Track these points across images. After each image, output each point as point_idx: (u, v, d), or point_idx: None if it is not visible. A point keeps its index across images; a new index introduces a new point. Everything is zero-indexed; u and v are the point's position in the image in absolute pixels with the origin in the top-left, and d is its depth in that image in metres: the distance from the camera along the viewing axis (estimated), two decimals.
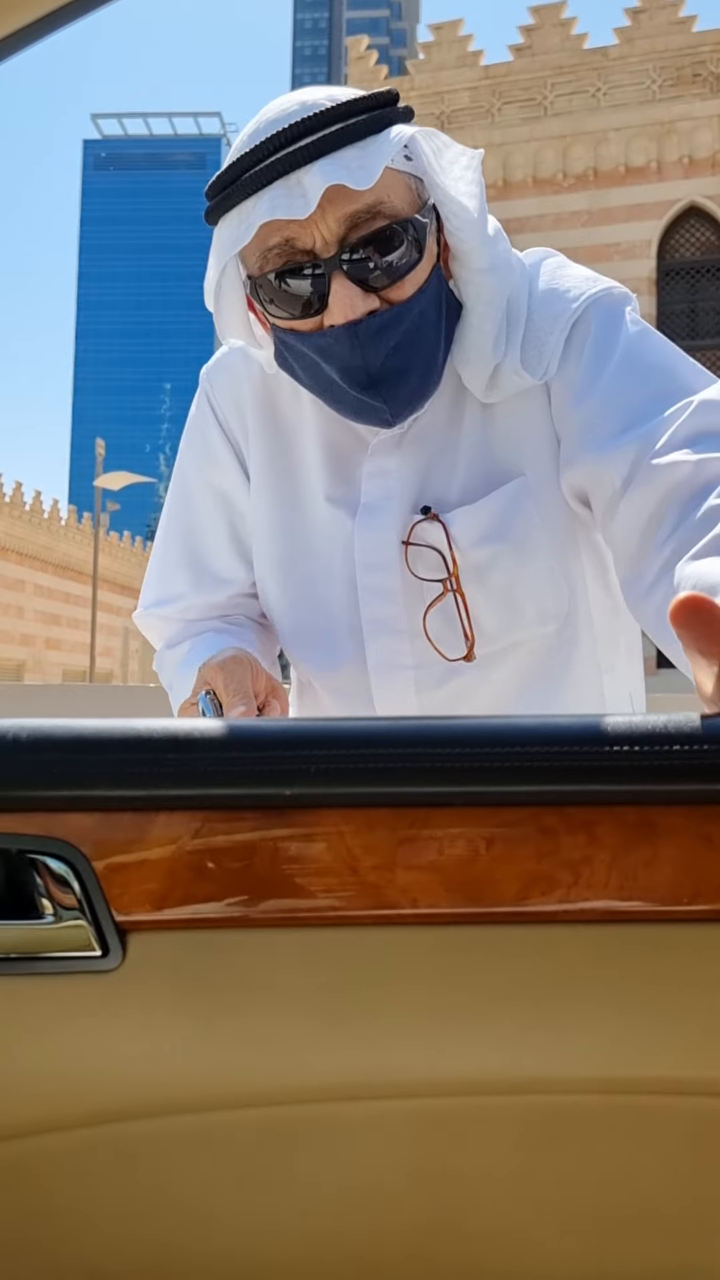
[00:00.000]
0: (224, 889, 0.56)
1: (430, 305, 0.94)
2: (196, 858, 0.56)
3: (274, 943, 0.56)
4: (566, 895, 0.54)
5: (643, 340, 0.97)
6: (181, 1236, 0.60)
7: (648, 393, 0.92)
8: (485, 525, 0.99)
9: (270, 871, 0.56)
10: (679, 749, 0.53)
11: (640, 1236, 0.58)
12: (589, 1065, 0.55)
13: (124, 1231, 0.60)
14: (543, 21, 17.92)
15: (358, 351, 0.90)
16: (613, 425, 0.92)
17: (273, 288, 0.92)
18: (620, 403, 0.93)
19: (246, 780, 0.56)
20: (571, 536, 1.03)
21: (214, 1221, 0.60)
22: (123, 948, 0.57)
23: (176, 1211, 0.60)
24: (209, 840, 0.56)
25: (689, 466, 0.85)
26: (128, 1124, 0.58)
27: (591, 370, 0.96)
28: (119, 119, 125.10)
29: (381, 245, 0.90)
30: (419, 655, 1.02)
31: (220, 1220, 0.60)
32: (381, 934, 0.56)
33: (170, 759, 0.56)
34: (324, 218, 0.88)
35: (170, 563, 1.17)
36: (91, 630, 20.78)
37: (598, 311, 0.98)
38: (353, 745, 0.56)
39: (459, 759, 0.55)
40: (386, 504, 1.02)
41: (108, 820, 0.57)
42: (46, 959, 0.57)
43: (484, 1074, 0.56)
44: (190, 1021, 0.56)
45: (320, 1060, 0.56)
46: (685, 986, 0.54)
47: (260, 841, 0.56)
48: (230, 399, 1.12)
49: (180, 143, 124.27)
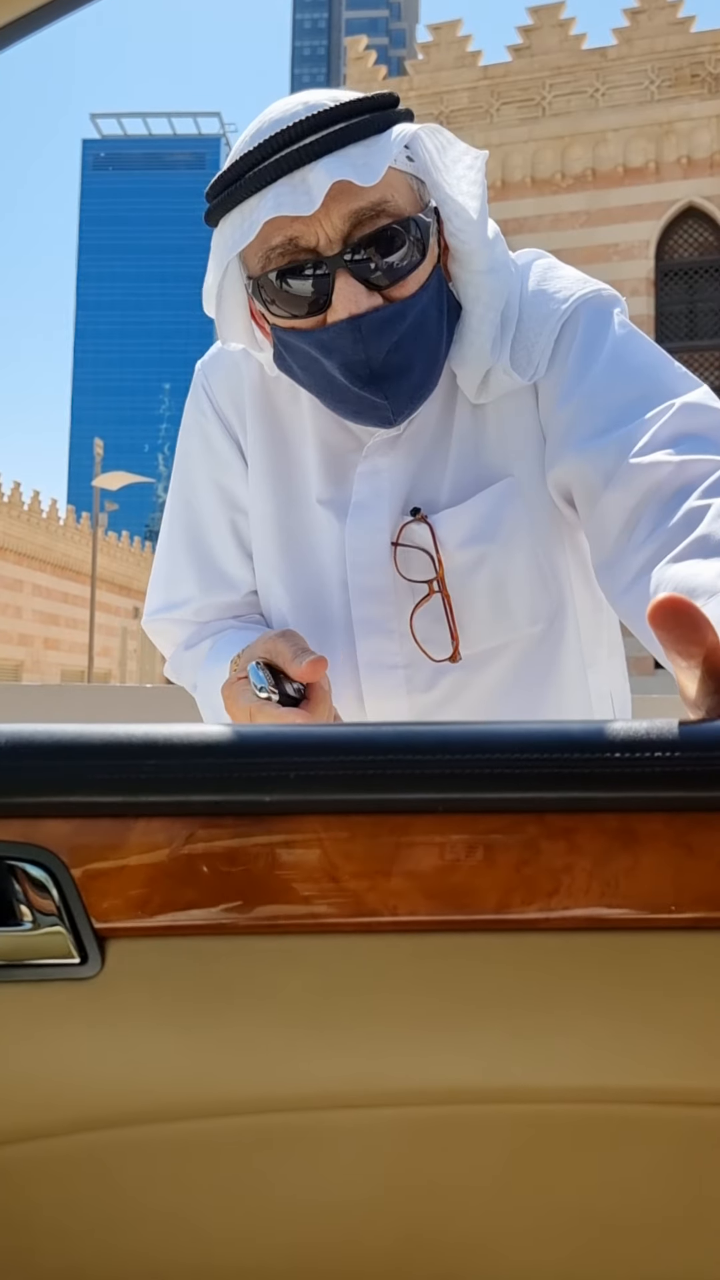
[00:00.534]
0: (204, 896, 0.56)
1: (432, 304, 0.94)
2: (176, 864, 0.56)
3: (254, 950, 0.56)
4: (548, 903, 0.54)
5: (629, 342, 0.97)
6: (163, 1246, 0.60)
7: (632, 394, 0.93)
8: (471, 526, 1.00)
9: (250, 878, 0.56)
10: (660, 756, 0.53)
11: (626, 1246, 0.57)
12: (572, 1074, 0.54)
13: (104, 1240, 0.60)
14: (541, 22, 17.92)
15: (360, 346, 0.90)
16: (596, 425, 0.93)
17: (275, 287, 0.92)
18: (604, 403, 0.93)
19: (226, 787, 0.56)
20: (558, 536, 1.04)
21: (195, 1231, 0.59)
22: (101, 955, 0.56)
23: (157, 1221, 0.60)
24: (188, 847, 0.56)
25: (670, 467, 0.86)
26: (107, 1132, 0.58)
27: (578, 370, 0.96)
28: (118, 119, 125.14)
29: (385, 244, 0.90)
30: (408, 655, 1.02)
31: (202, 1229, 0.59)
32: (362, 942, 0.55)
33: (149, 765, 0.56)
34: (328, 215, 0.88)
35: (177, 565, 1.15)
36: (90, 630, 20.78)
37: (586, 312, 0.99)
38: (333, 752, 0.56)
39: (439, 766, 0.55)
40: (377, 504, 1.02)
41: (86, 826, 0.57)
42: (24, 966, 0.57)
43: (467, 1083, 0.55)
44: (170, 1029, 0.56)
45: (302, 1068, 0.56)
46: (668, 995, 0.54)
47: (240, 848, 0.56)
48: (228, 393, 1.11)
49: (179, 143, 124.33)
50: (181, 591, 1.14)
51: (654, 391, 0.92)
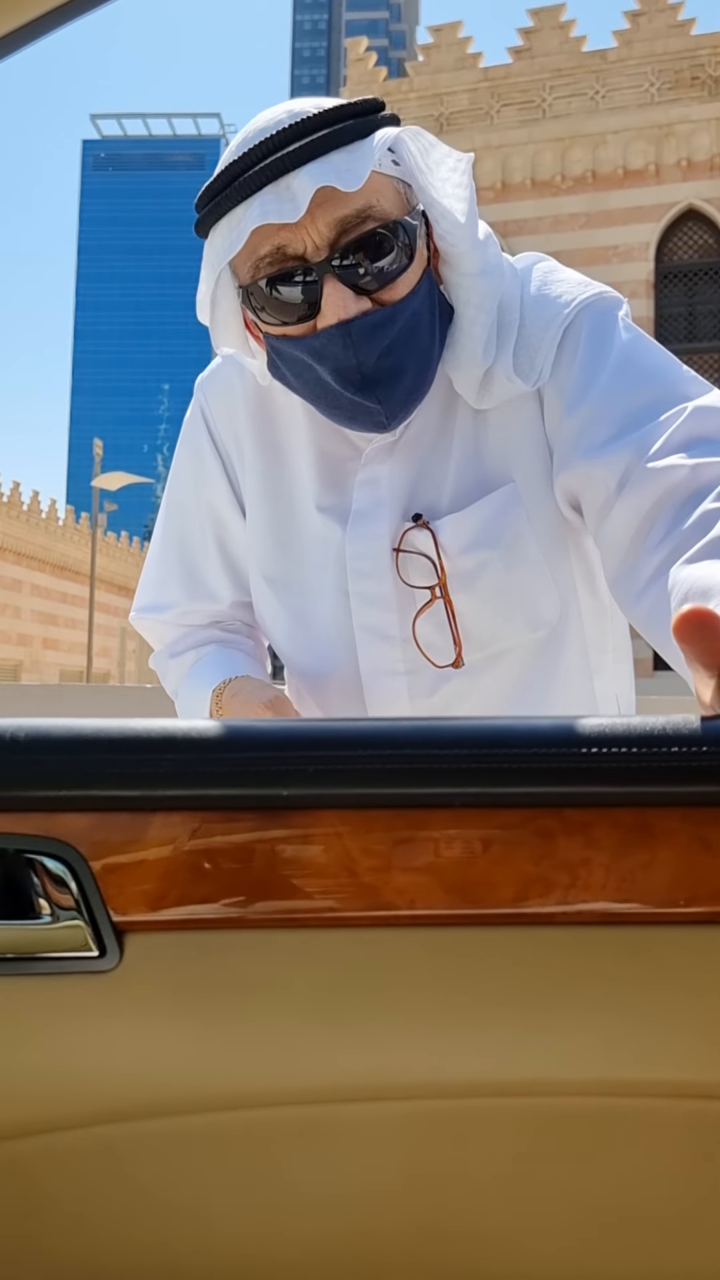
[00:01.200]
0: (221, 889, 0.56)
1: (423, 307, 0.94)
2: (194, 858, 0.56)
3: (271, 944, 0.56)
4: (564, 897, 0.54)
5: (636, 345, 0.97)
6: (177, 1238, 0.60)
7: (642, 398, 0.92)
8: (474, 532, 1.00)
9: (267, 872, 0.56)
10: (676, 751, 0.53)
11: (638, 1239, 0.58)
12: (586, 1067, 0.55)
13: (120, 1232, 0.60)
14: (542, 24, 17.92)
15: (350, 351, 0.90)
16: (607, 430, 0.92)
17: (265, 295, 0.93)
18: (615, 408, 0.93)
19: (244, 781, 0.56)
20: (561, 542, 1.03)
21: (210, 1223, 0.60)
22: (120, 948, 0.57)
23: (173, 1213, 0.60)
24: (206, 841, 0.56)
25: (684, 470, 0.86)
26: (124, 1124, 0.58)
27: (585, 376, 0.96)
28: (118, 119, 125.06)
29: (372, 248, 0.90)
30: (410, 662, 1.02)
31: (216, 1221, 0.60)
32: (379, 935, 0.56)
33: (168, 759, 0.56)
34: (314, 222, 0.89)
35: (165, 570, 1.19)
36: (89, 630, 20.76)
37: (590, 317, 0.98)
38: (351, 746, 0.56)
39: (457, 760, 0.55)
40: (377, 511, 1.02)
41: (105, 820, 0.57)
42: (44, 959, 0.57)
43: (481, 1076, 0.56)
44: (187, 1022, 0.56)
45: (317, 1062, 0.56)
46: (682, 989, 0.54)
47: (258, 842, 0.56)
48: (224, 410, 1.13)
49: (179, 143, 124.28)
50: (168, 596, 1.18)
51: (665, 396, 0.92)
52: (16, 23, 0.73)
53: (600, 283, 1.03)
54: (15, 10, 0.72)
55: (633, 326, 0.99)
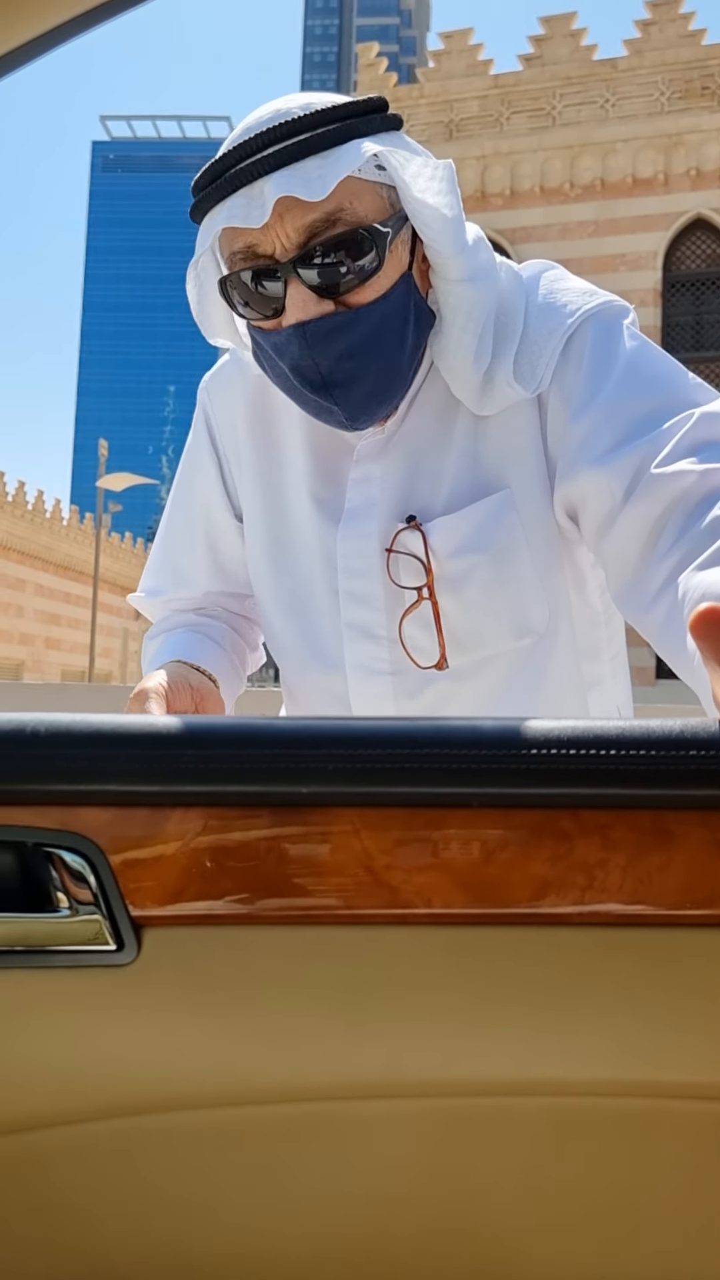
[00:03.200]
0: (239, 885, 0.56)
1: (394, 313, 0.94)
2: (212, 854, 0.56)
3: (288, 940, 0.56)
4: (580, 898, 0.55)
5: (641, 353, 0.97)
6: (190, 1232, 0.60)
7: (648, 406, 0.92)
8: (464, 536, 0.99)
9: (285, 869, 0.56)
10: (695, 754, 0.53)
11: (650, 1240, 0.58)
12: (600, 1068, 0.55)
13: (132, 1226, 0.60)
14: (553, 32, 17.96)
15: (306, 352, 0.91)
16: (613, 438, 0.92)
17: (240, 288, 0.94)
18: (621, 416, 0.92)
19: (263, 778, 0.56)
20: (554, 551, 1.03)
21: (222, 1218, 0.60)
22: (137, 942, 0.57)
23: (185, 1207, 0.60)
24: (224, 836, 0.56)
25: (693, 476, 0.85)
26: (139, 1118, 0.58)
27: (590, 384, 0.95)
28: (128, 121, 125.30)
29: (338, 252, 0.90)
30: (396, 662, 1.02)
31: (229, 1216, 0.60)
32: (395, 933, 0.56)
33: (187, 755, 0.57)
34: (282, 225, 0.90)
35: (160, 559, 1.24)
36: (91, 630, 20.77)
37: (594, 325, 0.98)
38: (369, 745, 0.56)
39: (475, 760, 0.55)
40: (369, 510, 1.03)
41: (124, 815, 0.57)
42: (61, 952, 0.57)
43: (495, 1075, 0.56)
44: (203, 1017, 0.57)
45: (332, 1058, 0.56)
46: (698, 991, 0.54)
47: (276, 839, 0.56)
48: (225, 409, 1.14)
49: (188, 146, 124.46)
50: (160, 582, 1.24)
51: (671, 403, 0.91)
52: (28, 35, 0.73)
53: (607, 291, 1.03)
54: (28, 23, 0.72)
55: (638, 334, 0.99)
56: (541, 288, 1.02)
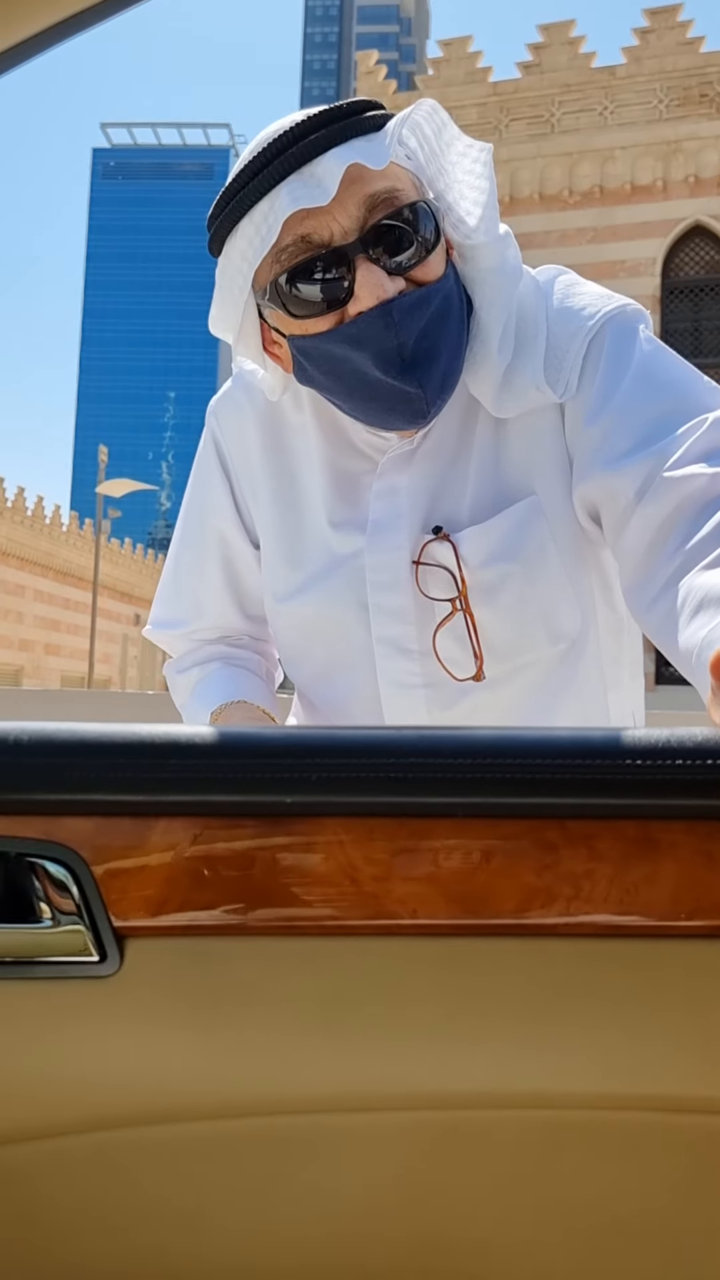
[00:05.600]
0: (223, 896, 0.56)
1: (453, 291, 0.94)
2: (196, 864, 0.56)
3: (273, 951, 0.56)
4: (566, 909, 0.54)
5: (657, 358, 0.97)
6: (175, 1246, 0.60)
7: (662, 410, 0.92)
8: (495, 545, 0.99)
9: (270, 880, 0.56)
10: (681, 764, 0.53)
11: (637, 1253, 0.57)
12: (586, 1081, 0.54)
13: (116, 1239, 0.60)
14: (551, 40, 18.01)
15: (392, 331, 0.89)
16: (627, 442, 0.92)
17: (293, 287, 0.91)
18: (634, 420, 0.92)
19: (247, 787, 0.56)
20: (581, 555, 1.03)
21: (208, 1231, 0.59)
22: (120, 954, 0.56)
23: (170, 1220, 0.59)
24: (209, 847, 0.56)
25: (703, 480, 0.85)
26: (122, 1131, 0.58)
27: (606, 388, 0.95)
28: (128, 128, 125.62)
29: (401, 228, 0.90)
30: (429, 675, 1.01)
31: (214, 1230, 0.59)
32: (380, 944, 0.56)
33: (171, 765, 0.56)
34: (342, 206, 0.89)
35: (175, 590, 1.22)
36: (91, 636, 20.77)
37: (612, 329, 0.98)
38: (355, 754, 0.56)
39: (460, 770, 0.55)
40: (396, 522, 1.01)
41: (108, 825, 0.57)
42: (44, 964, 0.57)
43: (481, 1087, 0.55)
44: (187, 1029, 0.56)
45: (317, 1071, 0.56)
46: (684, 1003, 0.54)
47: (260, 849, 0.56)
48: (236, 434, 1.13)
49: (189, 153, 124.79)
50: (177, 614, 1.22)
51: (685, 407, 0.91)
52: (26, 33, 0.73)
53: (623, 296, 1.03)
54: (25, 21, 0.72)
55: (654, 339, 0.99)
56: (557, 292, 1.02)
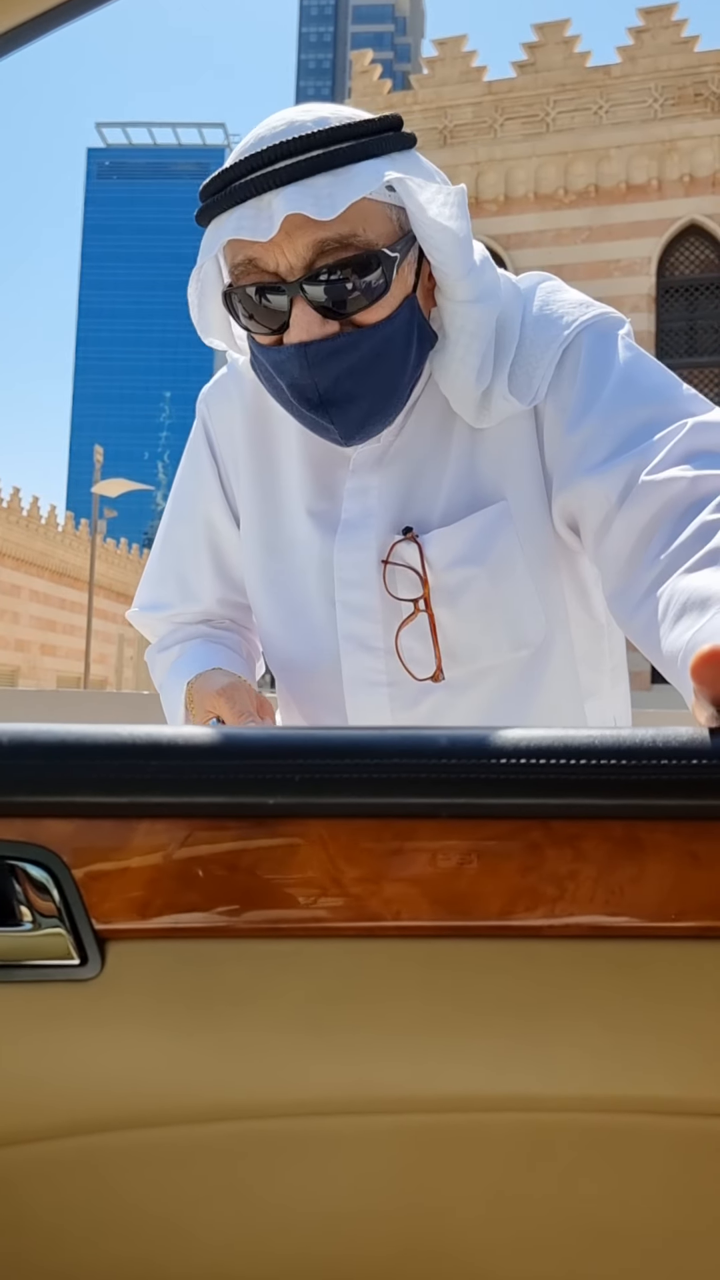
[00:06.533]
0: (206, 898, 0.55)
1: (397, 335, 0.94)
2: (178, 866, 0.55)
3: (256, 953, 0.56)
4: (552, 910, 0.54)
5: (637, 364, 0.97)
6: (157, 1251, 0.59)
7: (642, 416, 0.92)
8: (461, 547, 0.99)
9: (253, 881, 0.55)
10: (666, 764, 0.52)
11: (625, 1256, 0.57)
12: (574, 1083, 0.54)
13: (99, 1244, 0.59)
14: (546, 39, 18.02)
15: (306, 372, 0.91)
16: (608, 447, 0.92)
17: (245, 300, 0.94)
18: (615, 426, 0.93)
19: (230, 789, 0.55)
20: (553, 563, 1.03)
21: (190, 1236, 0.59)
22: (101, 956, 0.56)
23: (152, 1226, 0.59)
24: (191, 849, 0.55)
25: (684, 483, 0.85)
26: (105, 1135, 0.57)
27: (586, 395, 0.95)
28: (123, 128, 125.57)
29: (345, 275, 0.90)
30: (393, 673, 1.02)
31: (197, 1235, 0.59)
32: (365, 946, 0.55)
33: (153, 766, 0.56)
34: (290, 242, 0.88)
35: (161, 572, 1.22)
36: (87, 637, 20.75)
37: (590, 337, 0.98)
38: (338, 755, 0.55)
39: (444, 770, 0.54)
40: (366, 522, 1.02)
41: (89, 827, 0.56)
42: (24, 967, 0.56)
43: (468, 1090, 0.55)
44: (169, 1032, 0.56)
45: (302, 1074, 0.55)
46: (671, 1004, 0.53)
47: (243, 851, 0.55)
48: (224, 421, 1.14)
49: (184, 153, 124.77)
50: (162, 596, 1.22)
51: (665, 413, 0.91)
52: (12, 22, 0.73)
53: (602, 303, 1.03)
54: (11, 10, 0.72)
55: (634, 346, 0.99)
56: (537, 299, 1.02)
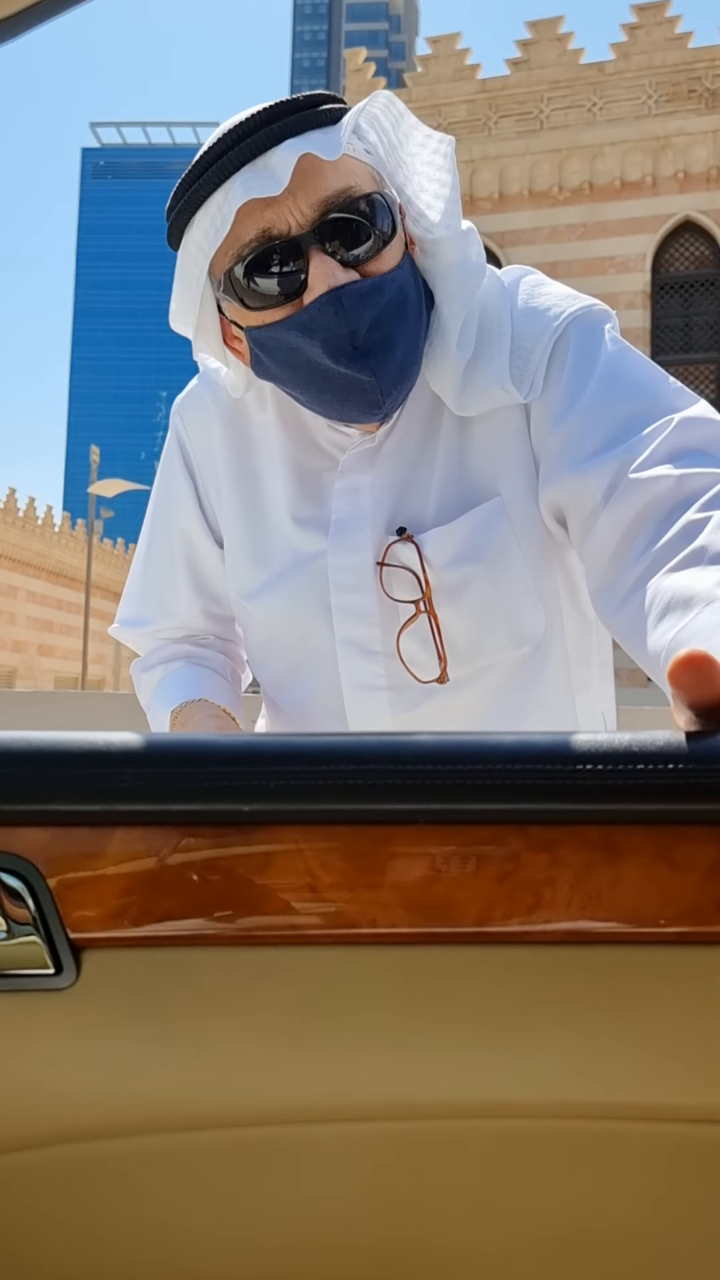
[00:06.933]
0: (181, 906, 0.55)
1: (409, 283, 0.94)
2: (153, 874, 0.55)
3: (233, 961, 0.55)
4: (529, 916, 0.53)
5: (623, 358, 0.96)
6: (137, 1261, 0.59)
7: (628, 411, 0.91)
8: (459, 546, 0.98)
9: (229, 889, 0.55)
10: (642, 768, 0.52)
11: (604, 1262, 0.57)
12: (552, 1089, 0.54)
13: (78, 1255, 0.59)
14: (540, 36, 18.03)
15: (342, 319, 0.89)
16: (594, 443, 0.91)
17: (248, 278, 0.92)
18: (601, 421, 0.92)
19: (204, 796, 0.55)
20: (546, 557, 1.02)
21: (172, 1246, 0.59)
22: (77, 965, 0.56)
23: (134, 1236, 0.59)
24: (166, 857, 0.55)
25: (670, 481, 0.85)
26: (81, 1145, 0.57)
27: (572, 389, 0.95)
28: (118, 128, 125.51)
29: (355, 222, 0.90)
30: (394, 677, 1.01)
31: (179, 1244, 0.59)
32: (341, 954, 0.55)
33: (128, 774, 0.55)
34: (296, 201, 0.89)
35: (142, 589, 1.21)
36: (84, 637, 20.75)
37: (577, 330, 0.97)
38: (313, 761, 0.55)
39: (421, 776, 0.54)
40: (359, 523, 1.00)
41: (63, 835, 0.56)
42: None
43: (445, 1097, 0.55)
44: (146, 1041, 0.55)
45: (280, 1082, 0.55)
46: (650, 1009, 0.53)
47: (219, 859, 0.55)
48: (200, 432, 1.12)
49: (178, 152, 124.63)
50: (143, 613, 1.21)
51: (651, 408, 0.91)
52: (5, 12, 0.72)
53: (590, 296, 1.02)
54: None
55: (619, 340, 0.98)
56: (522, 293, 1.01)
